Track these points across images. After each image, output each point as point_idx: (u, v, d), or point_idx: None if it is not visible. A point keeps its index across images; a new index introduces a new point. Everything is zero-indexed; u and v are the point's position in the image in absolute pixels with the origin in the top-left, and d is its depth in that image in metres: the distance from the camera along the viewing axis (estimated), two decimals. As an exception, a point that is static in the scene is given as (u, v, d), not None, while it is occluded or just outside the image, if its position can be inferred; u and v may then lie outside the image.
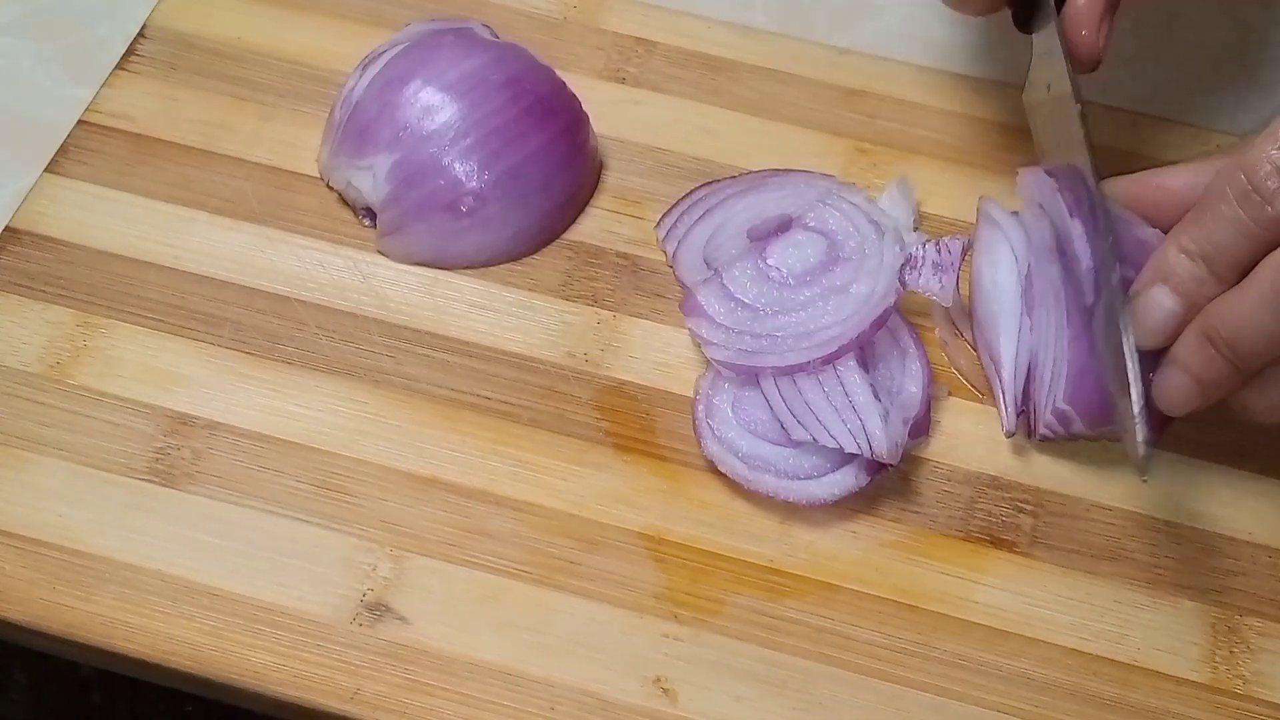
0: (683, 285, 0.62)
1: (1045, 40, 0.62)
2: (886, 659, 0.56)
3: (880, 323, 0.57)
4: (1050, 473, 0.60)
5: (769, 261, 0.60)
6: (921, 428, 0.59)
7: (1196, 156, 0.59)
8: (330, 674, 0.54)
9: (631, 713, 0.54)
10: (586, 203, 0.66)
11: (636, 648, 0.55)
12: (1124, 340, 0.54)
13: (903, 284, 0.59)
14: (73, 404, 0.59)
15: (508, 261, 0.64)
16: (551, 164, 0.64)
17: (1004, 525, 0.59)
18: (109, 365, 0.60)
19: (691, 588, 0.57)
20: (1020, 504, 0.59)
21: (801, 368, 0.57)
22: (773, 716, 0.54)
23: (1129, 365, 0.54)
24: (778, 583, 0.57)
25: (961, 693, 0.55)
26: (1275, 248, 0.51)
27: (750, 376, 0.58)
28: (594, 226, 0.65)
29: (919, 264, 0.60)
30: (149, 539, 0.56)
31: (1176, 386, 0.55)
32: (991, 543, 0.58)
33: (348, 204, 0.65)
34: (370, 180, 0.63)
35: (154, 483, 0.58)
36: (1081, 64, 0.61)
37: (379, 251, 0.64)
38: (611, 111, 0.68)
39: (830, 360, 0.57)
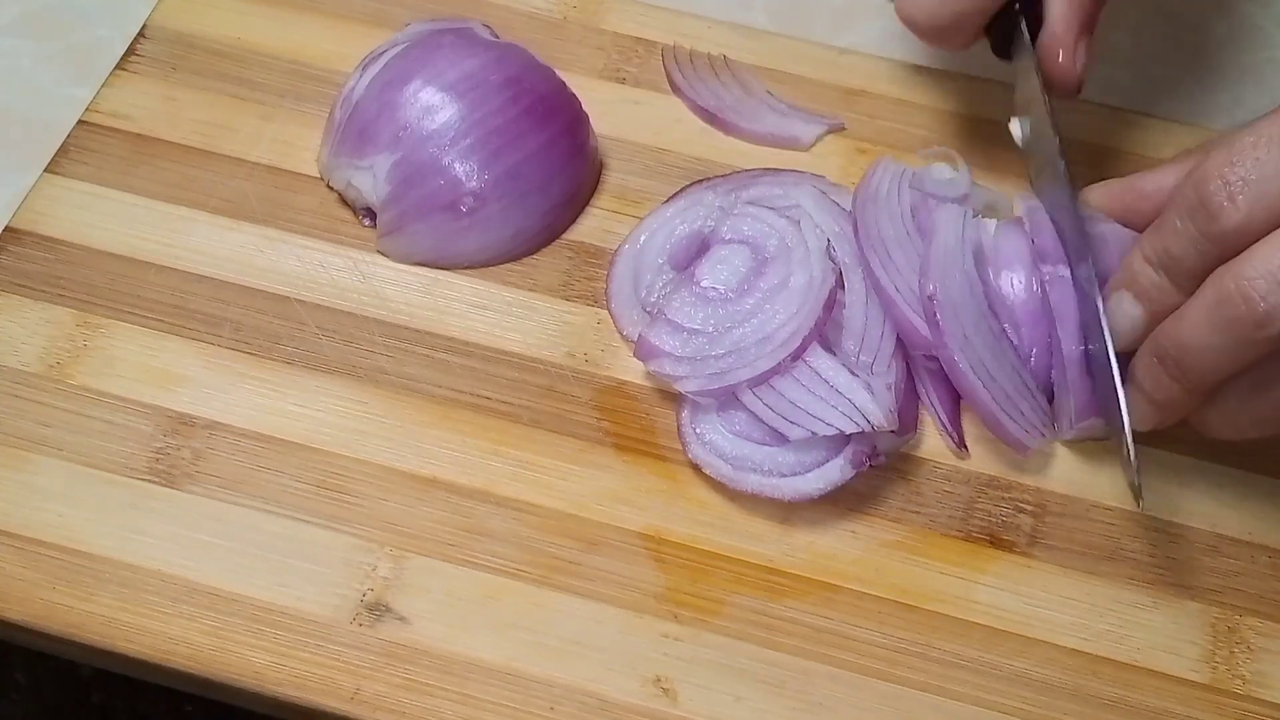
0: (626, 338, 0.62)
1: (1023, 67, 0.62)
2: (886, 659, 0.56)
3: (830, 304, 0.58)
4: (1050, 473, 0.60)
5: (703, 284, 0.60)
6: (908, 425, 0.59)
7: (1175, 157, 0.59)
8: (330, 674, 0.54)
9: (631, 713, 0.54)
10: (586, 203, 0.66)
11: (636, 648, 0.55)
12: (1114, 375, 0.55)
13: (833, 260, 0.59)
14: (73, 404, 0.59)
15: (508, 261, 0.64)
16: (551, 164, 0.64)
17: (1004, 525, 0.59)
18: (109, 365, 0.60)
19: (691, 588, 0.57)
20: (1020, 504, 0.59)
21: (774, 371, 0.57)
22: (772, 716, 0.54)
23: (1119, 397, 0.55)
24: (777, 583, 0.57)
25: (961, 693, 0.55)
26: (1224, 261, 0.51)
27: (729, 395, 0.58)
28: (594, 226, 0.65)
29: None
30: (149, 539, 0.56)
31: (1135, 405, 0.56)
32: (991, 543, 0.58)
33: (348, 204, 0.65)
34: (370, 180, 0.63)
35: (154, 483, 0.58)
36: (1060, 89, 0.61)
37: (379, 251, 0.64)
38: (611, 111, 0.68)
39: (798, 355, 0.57)
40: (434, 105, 0.62)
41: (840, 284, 0.59)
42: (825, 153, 0.68)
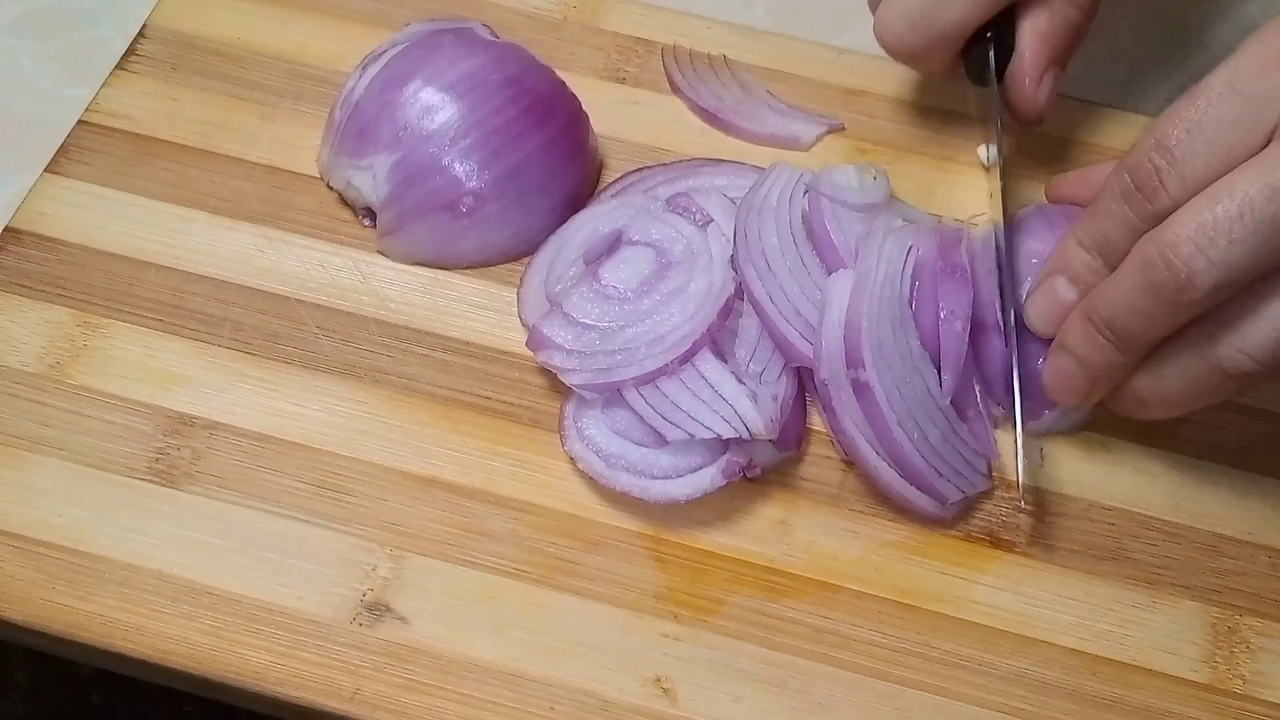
0: (524, 323, 0.62)
1: (991, 95, 0.63)
2: (886, 659, 0.56)
3: (726, 312, 0.58)
4: (1050, 473, 0.60)
5: (603, 281, 0.60)
6: (791, 441, 0.59)
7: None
8: (330, 674, 0.54)
9: (631, 713, 0.54)
10: (586, 203, 0.66)
11: (636, 647, 0.55)
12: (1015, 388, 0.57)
13: (736, 271, 0.59)
14: (72, 404, 0.59)
15: (508, 261, 0.64)
16: (551, 164, 0.64)
17: (1004, 525, 0.59)
18: (109, 365, 0.60)
19: (691, 588, 0.57)
20: (1020, 504, 0.59)
21: (661, 372, 0.57)
22: (772, 716, 0.54)
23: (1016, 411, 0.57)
24: (777, 582, 0.57)
25: (961, 692, 0.55)
26: None
27: (614, 393, 0.57)
28: (594, 226, 0.65)
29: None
30: (148, 539, 0.56)
31: (1063, 371, 0.57)
32: (991, 542, 0.58)
33: (348, 204, 0.65)
34: (370, 180, 0.63)
35: (154, 482, 0.58)
36: (1022, 118, 0.63)
37: (379, 251, 0.64)
38: (611, 111, 0.68)
39: (687, 358, 0.57)
40: (434, 105, 0.62)
41: (740, 294, 0.59)
42: (825, 152, 0.68)
